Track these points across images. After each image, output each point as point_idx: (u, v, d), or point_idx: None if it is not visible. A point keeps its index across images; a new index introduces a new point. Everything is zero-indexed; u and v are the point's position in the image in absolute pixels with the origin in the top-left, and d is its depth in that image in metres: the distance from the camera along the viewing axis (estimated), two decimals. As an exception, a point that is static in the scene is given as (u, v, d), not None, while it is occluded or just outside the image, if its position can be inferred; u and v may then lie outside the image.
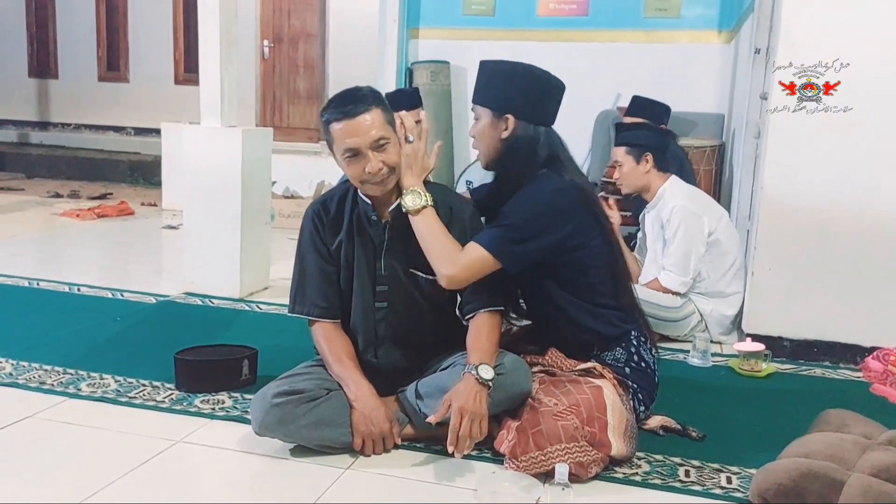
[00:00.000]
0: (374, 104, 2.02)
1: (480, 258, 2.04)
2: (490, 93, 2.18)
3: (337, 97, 2.06)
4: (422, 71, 5.67)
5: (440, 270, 2.06)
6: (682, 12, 5.38)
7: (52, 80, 9.32)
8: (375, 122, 2.01)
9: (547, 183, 2.11)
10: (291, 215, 5.52)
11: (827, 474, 1.74)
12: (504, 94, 2.15)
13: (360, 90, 2.06)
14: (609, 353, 2.18)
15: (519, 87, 2.15)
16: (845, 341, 3.01)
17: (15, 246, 4.67)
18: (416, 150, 2.10)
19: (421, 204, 2.06)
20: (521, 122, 2.14)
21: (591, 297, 2.17)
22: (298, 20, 7.63)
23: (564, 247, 2.10)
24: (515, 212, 2.08)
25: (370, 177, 2.02)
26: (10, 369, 2.58)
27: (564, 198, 2.10)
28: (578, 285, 2.16)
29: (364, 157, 2.01)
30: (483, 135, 2.19)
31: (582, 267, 2.14)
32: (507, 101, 2.14)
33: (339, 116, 2.00)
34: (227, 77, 3.65)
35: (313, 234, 2.19)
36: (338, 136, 2.02)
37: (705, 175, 4.60)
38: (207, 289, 3.66)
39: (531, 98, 2.15)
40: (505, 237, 2.05)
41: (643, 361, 2.20)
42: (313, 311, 2.18)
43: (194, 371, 2.47)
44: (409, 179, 2.09)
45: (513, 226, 2.06)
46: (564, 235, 2.09)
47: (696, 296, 3.24)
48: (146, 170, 7.93)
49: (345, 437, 2.02)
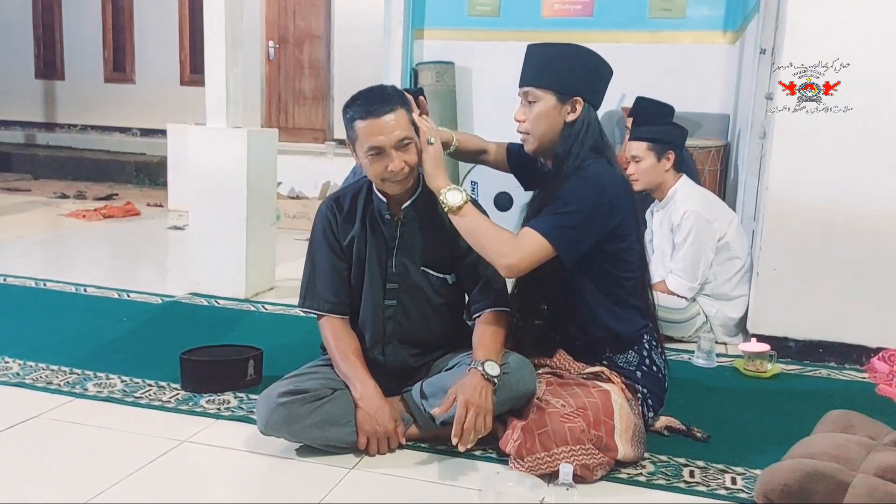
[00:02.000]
0: (398, 104, 2.04)
1: (541, 245, 2.00)
2: (554, 75, 2.11)
3: (362, 95, 2.07)
4: (427, 72, 5.68)
5: (499, 261, 2.03)
6: (687, 13, 5.37)
7: (59, 81, 9.37)
8: (400, 123, 2.03)
9: (603, 171, 2.08)
10: (297, 216, 5.53)
11: (832, 475, 1.73)
12: (571, 77, 2.11)
13: (385, 89, 2.08)
14: (621, 355, 2.17)
15: (586, 69, 2.12)
16: (851, 342, 3.00)
17: (22, 247, 4.69)
18: (438, 150, 2.10)
19: (462, 200, 2.04)
20: (586, 106, 2.12)
21: (618, 294, 2.15)
22: (303, 21, 7.66)
23: (611, 236, 2.08)
24: (573, 199, 2.02)
25: (392, 175, 2.04)
26: (17, 369, 2.59)
27: (619, 188, 2.09)
28: (610, 280, 2.14)
29: (387, 156, 2.02)
30: (542, 118, 2.12)
31: (618, 261, 2.13)
32: (576, 85, 2.10)
33: (364, 115, 2.02)
34: (233, 78, 3.66)
35: (326, 230, 2.20)
36: (362, 134, 2.03)
37: (710, 175, 4.59)
38: (213, 289, 3.67)
39: (594, 81, 2.14)
40: (564, 225, 2.01)
41: (654, 365, 2.20)
42: (323, 306, 2.19)
43: (200, 371, 2.48)
44: (440, 180, 2.07)
45: (569, 213, 2.01)
46: (615, 225, 2.07)
47: (702, 297, 3.23)
48: (152, 171, 7.96)
49: (350, 436, 2.03)
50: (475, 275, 2.16)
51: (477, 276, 2.16)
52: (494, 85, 5.71)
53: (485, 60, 5.74)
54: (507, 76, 5.66)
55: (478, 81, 5.86)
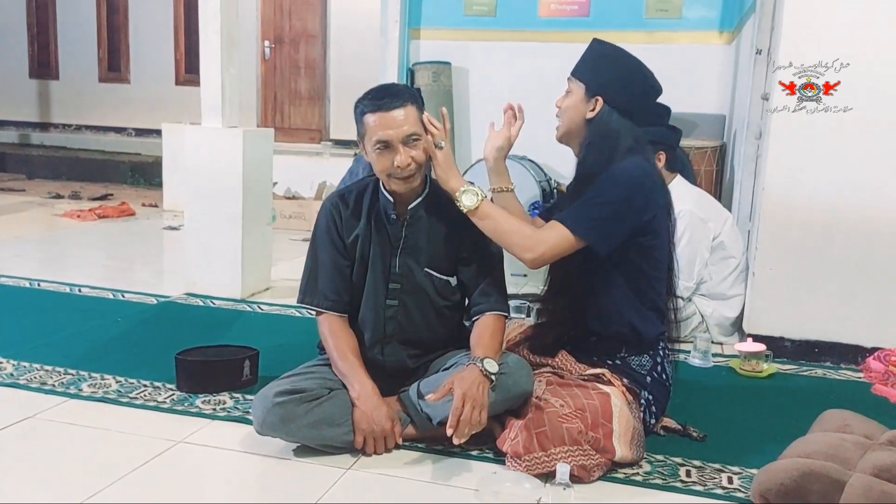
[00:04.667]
0: (409, 101, 2.06)
1: (563, 237, 2.03)
2: (590, 71, 2.17)
3: (374, 90, 2.09)
4: (423, 72, 5.68)
5: (524, 255, 2.06)
6: (683, 13, 5.38)
7: (53, 80, 9.33)
8: (409, 118, 2.04)
9: (639, 165, 2.09)
10: (293, 216, 5.52)
11: (828, 474, 1.73)
12: (603, 76, 2.15)
13: (397, 86, 2.13)
14: (636, 357, 2.17)
15: (620, 75, 2.15)
16: (846, 342, 3.01)
17: (16, 247, 4.68)
18: (447, 154, 2.11)
19: (479, 200, 2.07)
20: (608, 108, 2.13)
21: (645, 292, 2.15)
22: (299, 21, 7.64)
23: (645, 230, 2.09)
24: (606, 191, 2.05)
25: (398, 171, 2.04)
26: (11, 370, 2.58)
27: (651, 180, 2.11)
28: (639, 276, 2.14)
29: (394, 151, 2.03)
30: (570, 108, 2.17)
31: (649, 258, 2.14)
32: (603, 85, 2.14)
33: (374, 108, 2.04)
34: (229, 78, 3.66)
35: (330, 227, 2.19)
36: (371, 128, 2.04)
37: (706, 176, 4.59)
38: (209, 289, 3.66)
39: (627, 90, 2.15)
40: (591, 217, 2.03)
41: (664, 373, 2.20)
42: (323, 303, 2.18)
43: (196, 372, 2.47)
44: (454, 182, 2.09)
45: (599, 205, 2.03)
46: (649, 218, 2.08)
47: (698, 297, 3.24)
48: (147, 171, 7.94)
49: (347, 436, 2.02)
50: (477, 279, 2.17)
51: (479, 280, 2.17)
52: (491, 85, 5.71)
53: (481, 60, 5.74)
54: (503, 76, 5.76)
55: (474, 81, 5.86)
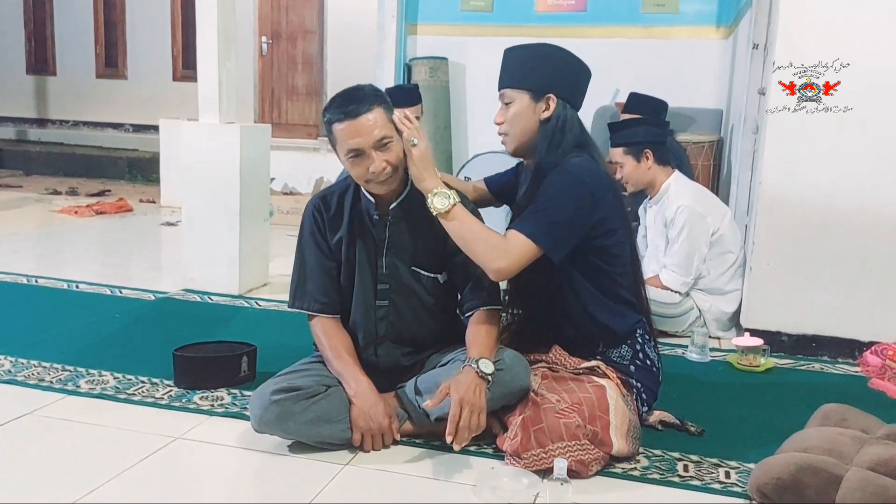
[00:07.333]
0: (375, 103, 2.01)
1: (528, 247, 1.99)
2: (526, 75, 2.13)
3: (338, 97, 2.04)
4: (420, 67, 5.67)
5: (489, 265, 2.01)
6: (680, 8, 5.37)
7: (50, 76, 9.32)
8: (378, 122, 2.00)
9: (582, 165, 2.07)
10: (290, 212, 5.53)
11: (825, 468, 1.74)
12: (543, 75, 2.12)
13: (362, 89, 2.05)
14: (615, 350, 2.17)
15: (558, 67, 2.13)
16: (844, 336, 3.01)
17: (14, 243, 4.67)
18: (423, 150, 2.05)
19: (450, 203, 2.01)
20: (560, 103, 2.12)
21: (611, 289, 2.15)
22: (297, 16, 7.63)
23: (598, 231, 2.07)
24: (551, 195, 2.02)
25: (374, 176, 2.02)
26: (8, 366, 2.58)
27: (598, 180, 2.08)
28: (601, 275, 2.13)
29: (367, 157, 2.00)
30: (518, 118, 2.12)
31: (609, 256, 2.13)
32: (548, 82, 2.11)
33: (342, 117, 1.99)
34: (226, 73, 3.65)
35: (313, 229, 2.18)
36: (340, 137, 2.01)
37: (703, 170, 4.59)
38: (206, 285, 3.66)
39: (569, 78, 2.14)
40: (547, 223, 2.00)
41: (648, 359, 2.20)
42: (313, 305, 2.18)
43: (193, 368, 2.47)
44: (429, 182, 2.03)
45: (551, 210, 2.01)
46: (600, 218, 2.06)
47: (695, 292, 3.24)
48: (144, 167, 7.93)
49: (344, 433, 2.02)
50: (466, 273, 2.14)
51: (468, 275, 2.14)
52: (488, 80, 5.64)
53: (478, 56, 5.73)
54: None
55: (471, 77, 5.85)
